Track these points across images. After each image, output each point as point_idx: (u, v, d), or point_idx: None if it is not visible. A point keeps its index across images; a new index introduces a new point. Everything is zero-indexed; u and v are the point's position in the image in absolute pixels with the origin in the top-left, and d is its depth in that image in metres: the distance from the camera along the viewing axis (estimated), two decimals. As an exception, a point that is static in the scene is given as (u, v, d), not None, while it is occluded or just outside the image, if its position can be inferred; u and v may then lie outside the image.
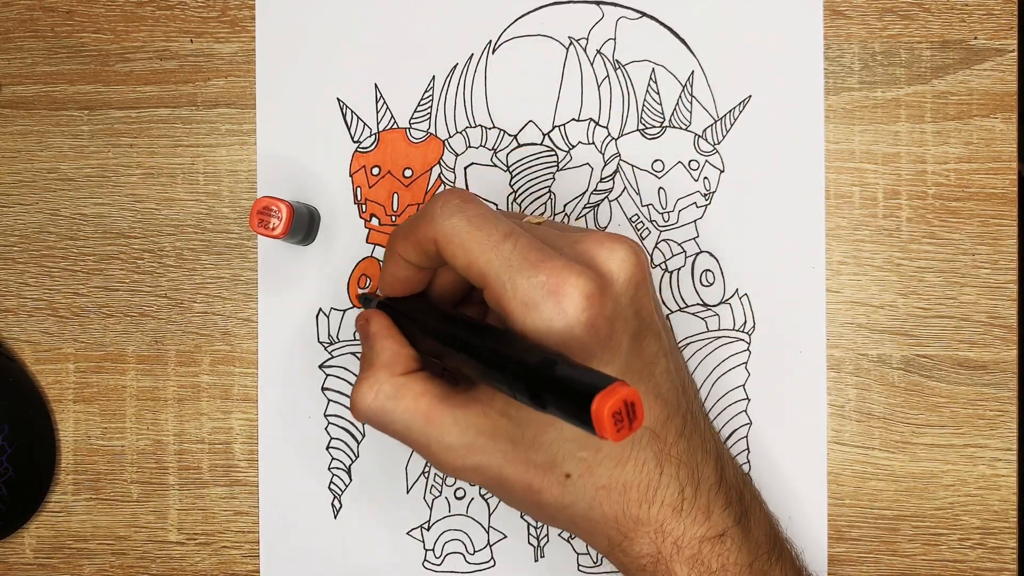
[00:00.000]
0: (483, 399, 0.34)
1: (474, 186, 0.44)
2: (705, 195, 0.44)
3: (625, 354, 0.33)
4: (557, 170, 0.44)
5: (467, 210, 0.33)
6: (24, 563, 0.45)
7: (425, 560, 0.44)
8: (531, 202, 0.44)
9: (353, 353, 0.44)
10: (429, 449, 0.34)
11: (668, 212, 0.44)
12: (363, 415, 0.35)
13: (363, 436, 0.44)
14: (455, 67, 0.45)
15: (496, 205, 0.44)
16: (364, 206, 0.45)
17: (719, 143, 0.44)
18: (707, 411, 0.37)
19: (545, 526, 0.44)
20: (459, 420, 0.34)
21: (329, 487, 0.44)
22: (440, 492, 0.44)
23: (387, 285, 0.37)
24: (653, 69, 0.44)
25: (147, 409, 0.45)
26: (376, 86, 0.45)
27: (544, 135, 0.44)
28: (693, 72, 0.44)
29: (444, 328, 0.34)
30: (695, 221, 0.44)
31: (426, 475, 0.44)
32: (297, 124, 0.45)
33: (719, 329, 0.44)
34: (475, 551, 0.44)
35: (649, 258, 0.36)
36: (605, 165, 0.44)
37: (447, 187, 0.44)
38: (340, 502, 0.44)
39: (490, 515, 0.44)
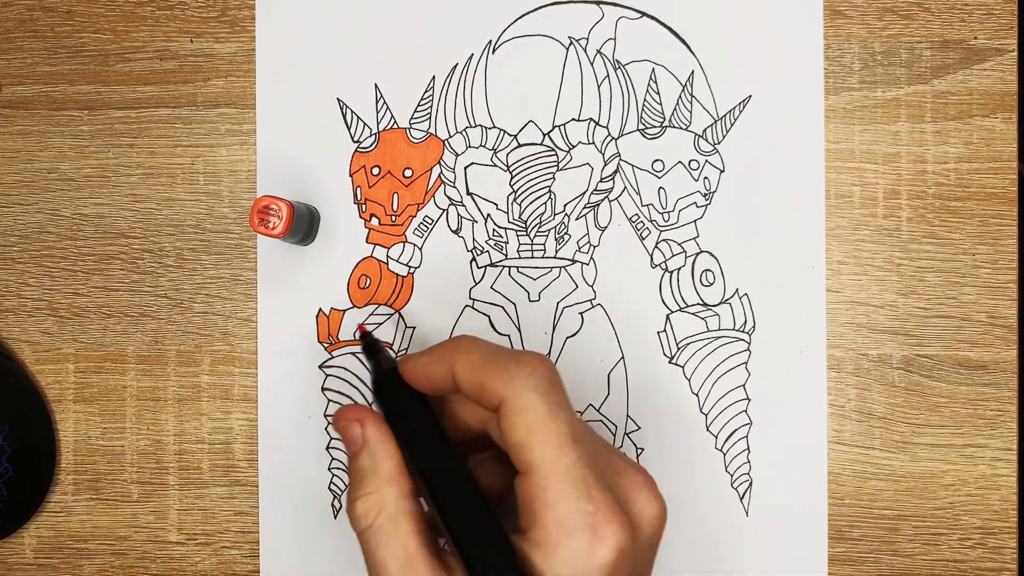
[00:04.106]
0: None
1: (474, 186, 0.44)
2: (705, 195, 0.44)
3: None
4: (557, 170, 0.44)
5: (551, 395, 0.31)
6: (24, 563, 0.45)
7: (425, 560, 0.44)
8: (531, 202, 0.44)
9: (353, 353, 0.44)
10: None
11: (668, 212, 0.44)
12: (361, 530, 0.32)
13: (363, 436, 0.44)
14: (455, 67, 0.45)
15: (496, 205, 0.44)
16: (364, 206, 0.45)
17: (719, 143, 0.44)
18: None
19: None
20: None
21: (329, 487, 0.44)
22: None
23: (416, 373, 0.33)
24: (653, 69, 0.44)
25: (147, 409, 0.45)
26: (376, 86, 0.45)
27: (544, 135, 0.44)
28: (693, 72, 0.44)
29: (446, 484, 0.31)
30: (695, 221, 0.44)
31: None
32: (297, 124, 0.45)
33: (719, 329, 0.44)
34: (475, 551, 0.44)
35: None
36: (605, 165, 0.44)
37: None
38: (340, 502, 0.44)
39: (490, 515, 0.44)
